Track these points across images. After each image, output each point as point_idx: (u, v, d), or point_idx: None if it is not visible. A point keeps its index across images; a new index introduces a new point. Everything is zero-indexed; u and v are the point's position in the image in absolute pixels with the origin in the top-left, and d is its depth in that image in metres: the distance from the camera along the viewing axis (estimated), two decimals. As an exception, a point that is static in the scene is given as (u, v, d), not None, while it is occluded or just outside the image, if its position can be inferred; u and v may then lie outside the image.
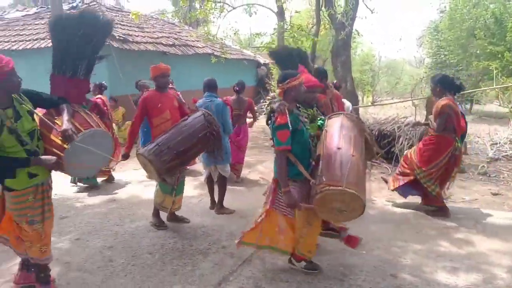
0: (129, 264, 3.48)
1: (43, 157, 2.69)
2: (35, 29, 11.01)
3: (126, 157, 4.18)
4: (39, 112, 2.86)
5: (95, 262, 3.53)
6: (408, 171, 4.70)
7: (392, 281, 3.18)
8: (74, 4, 12.46)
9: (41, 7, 14.24)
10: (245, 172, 6.55)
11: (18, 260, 3.20)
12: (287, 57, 4.37)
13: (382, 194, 5.43)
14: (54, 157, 2.66)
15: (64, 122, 2.70)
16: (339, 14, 8.03)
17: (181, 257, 3.62)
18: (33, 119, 2.74)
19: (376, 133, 7.11)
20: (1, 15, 14.28)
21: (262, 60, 17.85)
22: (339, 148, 2.94)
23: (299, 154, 3.03)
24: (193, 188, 5.76)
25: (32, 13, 13.26)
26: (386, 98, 16.90)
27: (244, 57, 16.38)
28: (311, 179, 2.95)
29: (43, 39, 9.93)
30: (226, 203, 4.84)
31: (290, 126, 2.89)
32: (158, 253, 3.70)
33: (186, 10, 12.04)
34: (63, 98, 2.93)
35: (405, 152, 5.06)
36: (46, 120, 2.75)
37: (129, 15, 11.40)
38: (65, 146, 2.67)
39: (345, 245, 3.48)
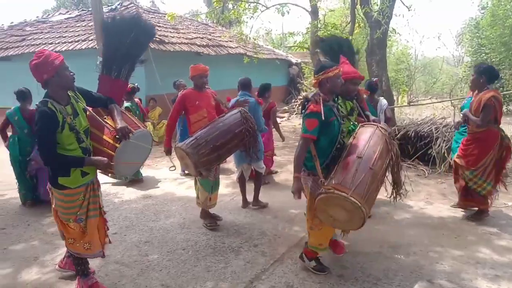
0: (164, 259, 3.57)
1: (95, 157, 2.74)
2: (76, 31, 11.51)
3: (169, 152, 4.31)
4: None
5: (132, 256, 3.65)
6: (460, 179, 4.51)
7: (428, 287, 3.08)
8: (113, 7, 12.92)
9: (82, 10, 14.88)
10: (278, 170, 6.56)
11: (62, 252, 3.38)
12: (337, 47, 4.31)
13: (419, 197, 5.27)
14: (106, 159, 2.70)
15: (118, 121, 2.79)
16: (375, 12, 7.85)
17: (214, 254, 3.68)
18: (87, 118, 2.82)
19: (412, 134, 6.90)
20: (46, 17, 15.04)
21: (294, 60, 17.78)
22: (359, 157, 2.87)
23: (324, 146, 3.02)
24: (225, 187, 5.83)
25: (74, 16, 13.88)
26: (423, 98, 16.34)
27: (276, 56, 16.37)
28: (321, 177, 2.92)
29: (84, 40, 10.37)
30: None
31: (322, 116, 2.87)
32: (192, 249, 3.78)
33: (219, 11, 12.15)
34: (110, 98, 3.03)
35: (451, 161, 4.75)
36: (99, 119, 2.84)
37: (164, 16, 11.69)
38: (116, 145, 2.74)
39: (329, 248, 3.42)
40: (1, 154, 5.31)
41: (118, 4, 13.25)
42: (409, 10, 8.90)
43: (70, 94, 2.74)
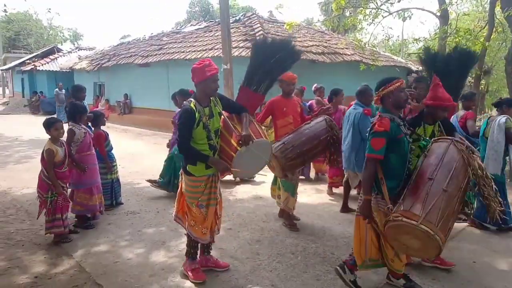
0: (274, 260, 3.68)
1: (218, 160, 3.17)
2: (204, 41, 12.64)
3: None
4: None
5: (244, 253, 3.86)
6: None
7: None
8: (237, 18, 13.84)
9: (210, 21, 16.28)
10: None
11: (185, 239, 3.75)
12: (444, 63, 3.96)
13: None
14: (226, 164, 3.13)
15: (244, 129, 3.11)
16: (520, 15, 6.87)
17: (323, 263, 3.65)
18: (220, 120, 3.23)
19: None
20: (180, 29, 16.89)
21: (414, 67, 16.60)
22: (430, 179, 2.57)
23: (395, 166, 2.78)
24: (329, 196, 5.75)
25: (203, 27, 15.28)
26: None
27: (395, 64, 15.50)
28: (388, 203, 2.66)
29: (211, 49, 11.32)
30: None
31: (388, 133, 2.70)
32: (301, 255, 3.82)
33: (337, 18, 12.05)
34: (245, 107, 3.38)
35: None
36: (230, 123, 3.20)
37: (283, 25, 12.06)
38: (238, 148, 3.05)
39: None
40: (140, 147, 6.11)
41: (242, 15, 14.13)
42: None
43: (212, 98, 3.17)
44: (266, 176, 6.89)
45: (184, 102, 3.20)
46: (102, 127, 5.22)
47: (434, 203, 2.47)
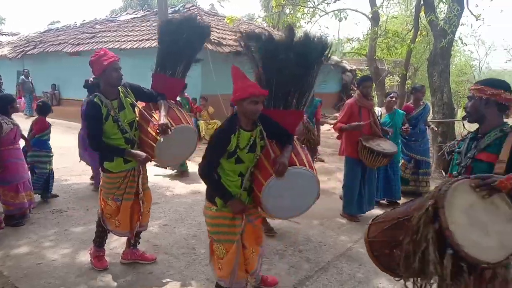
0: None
1: (135, 151, 3.04)
2: (141, 31, 12.15)
3: None
4: (139, 105, 3.20)
5: (180, 248, 3.79)
6: None
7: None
8: (176, 8, 13.48)
9: (148, 11, 15.67)
10: (324, 179, 6.47)
11: (116, 237, 3.59)
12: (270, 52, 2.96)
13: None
14: (145, 154, 3.00)
15: (161, 116, 2.99)
16: (441, 20, 7.49)
17: (258, 254, 3.70)
18: (134, 111, 3.11)
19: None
20: (115, 17, 16.04)
21: (348, 66, 17.46)
22: None
23: None
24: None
25: (139, 16, 14.66)
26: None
27: (330, 62, 16.15)
28: None
29: (148, 40, 10.91)
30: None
31: None
32: (237, 248, 3.84)
33: (277, 15, 12.25)
34: (161, 94, 3.24)
35: None
36: (145, 113, 3.08)
37: (223, 19, 12.00)
38: (158, 137, 2.95)
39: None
40: (70, 142, 5.73)
41: (181, 6, 13.80)
42: (477, 20, 8.39)
43: (120, 89, 3.02)
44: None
45: (90, 97, 3.03)
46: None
47: None
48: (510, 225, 1.67)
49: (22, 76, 14.27)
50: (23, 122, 5.89)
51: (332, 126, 6.15)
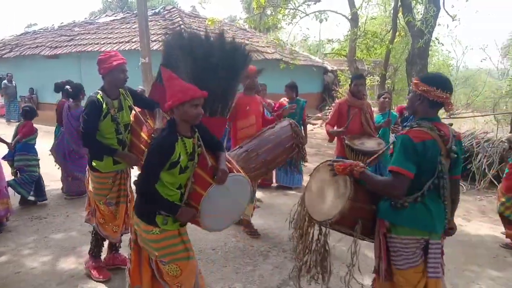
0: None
1: (126, 153, 3.02)
2: (121, 33, 12.00)
3: None
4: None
5: (163, 252, 3.75)
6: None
7: (463, 307, 2.97)
8: (157, 10, 13.36)
9: (128, 13, 15.49)
10: (306, 179, 6.51)
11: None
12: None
13: (456, 213, 5.06)
14: (135, 156, 2.97)
15: (157, 123, 2.98)
16: (418, 21, 7.66)
17: (242, 256, 3.71)
18: (130, 114, 3.09)
19: (451, 148, 6.66)
20: (93, 19, 15.80)
21: (329, 67, 17.65)
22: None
23: None
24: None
25: (119, 18, 14.48)
26: (463, 111, 15.71)
27: (312, 63, 16.31)
28: None
29: (128, 42, 10.79)
30: (287, 207, 4.88)
31: None
32: (221, 250, 3.84)
33: (258, 17, 12.30)
34: (157, 103, 3.20)
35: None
36: (140, 117, 3.05)
37: (205, 21, 11.96)
38: (149, 140, 2.86)
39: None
40: (49, 147, 5.61)
41: (162, 8, 13.69)
42: (453, 20, 8.63)
43: (121, 91, 3.03)
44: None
45: (91, 94, 3.01)
46: None
47: None
48: (337, 200, 2.19)
49: (5, 81, 13.85)
50: (4, 128, 5.77)
51: (315, 127, 6.22)
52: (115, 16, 15.16)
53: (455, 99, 17.14)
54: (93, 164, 3.03)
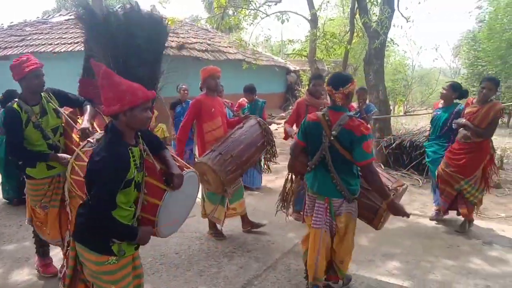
0: (157, 263, 3.56)
1: (60, 154, 2.93)
2: (76, 33, 11.50)
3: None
4: (66, 110, 3.10)
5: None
6: (449, 189, 4.46)
7: (420, 296, 3.09)
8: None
9: (83, 12, 14.87)
10: (271, 178, 6.56)
11: (53, 253, 3.37)
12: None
13: (413, 207, 5.29)
14: (68, 156, 2.81)
15: (84, 121, 2.89)
16: (373, 22, 7.92)
17: (207, 258, 3.67)
18: (58, 117, 3.00)
19: (408, 144, 6.95)
20: (47, 18, 15.07)
21: (292, 67, 17.89)
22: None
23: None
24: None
25: (74, 17, 13.88)
26: (419, 108, 16.44)
27: (275, 63, 16.46)
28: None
29: (83, 42, 10.37)
30: (251, 207, 4.90)
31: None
32: (185, 253, 3.77)
33: (219, 17, 12.24)
34: (88, 99, 3.12)
35: (436, 172, 4.59)
36: (68, 118, 2.99)
37: (165, 21, 11.74)
38: (80, 143, 2.69)
39: None
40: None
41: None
42: (407, 21, 9.00)
43: (43, 95, 2.94)
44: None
45: (8, 104, 2.92)
46: None
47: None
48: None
49: None
50: None
51: (279, 126, 6.27)
52: (70, 16, 14.52)
53: (411, 97, 17.94)
54: (27, 172, 2.97)
